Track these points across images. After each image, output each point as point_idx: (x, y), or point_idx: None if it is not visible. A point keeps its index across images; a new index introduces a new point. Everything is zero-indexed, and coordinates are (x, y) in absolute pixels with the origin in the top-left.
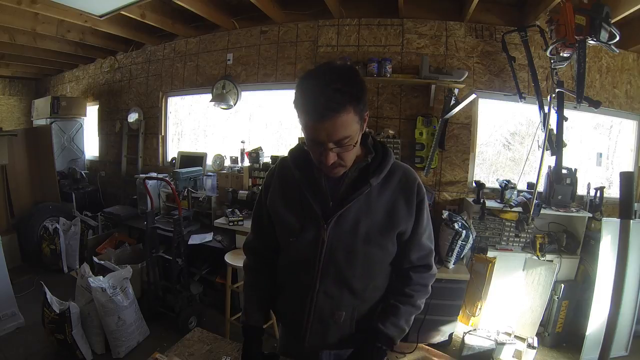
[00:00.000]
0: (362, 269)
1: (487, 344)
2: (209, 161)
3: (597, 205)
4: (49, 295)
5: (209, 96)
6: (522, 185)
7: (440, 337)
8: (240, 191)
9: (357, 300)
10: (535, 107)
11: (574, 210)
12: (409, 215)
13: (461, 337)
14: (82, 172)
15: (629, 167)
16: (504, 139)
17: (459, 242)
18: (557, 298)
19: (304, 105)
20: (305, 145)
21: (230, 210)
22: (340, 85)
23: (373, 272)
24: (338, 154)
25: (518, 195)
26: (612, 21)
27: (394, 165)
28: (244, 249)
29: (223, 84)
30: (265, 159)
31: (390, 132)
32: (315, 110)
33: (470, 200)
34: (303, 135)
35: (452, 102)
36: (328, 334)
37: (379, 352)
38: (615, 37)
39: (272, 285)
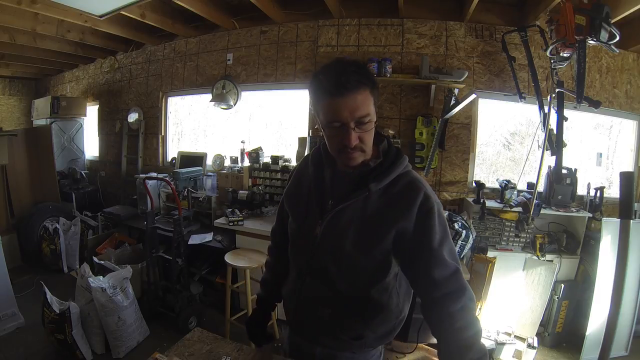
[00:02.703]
0: (346, 270)
1: (487, 344)
2: (209, 161)
3: (597, 205)
4: (49, 295)
5: (209, 96)
6: (522, 185)
7: None
8: (240, 191)
9: (342, 301)
10: (535, 107)
11: (574, 210)
12: (407, 221)
13: None
14: (82, 172)
15: (629, 167)
16: (504, 139)
17: (459, 242)
18: (557, 298)
19: (325, 85)
20: (323, 144)
21: (230, 210)
22: (357, 69)
23: (358, 278)
24: (359, 136)
25: (518, 195)
26: (612, 21)
27: (404, 174)
28: (271, 234)
29: (223, 84)
30: (265, 159)
31: (390, 132)
32: (338, 86)
33: (470, 200)
34: (320, 124)
35: (452, 102)
36: (312, 327)
37: None
38: (615, 37)
39: (285, 269)
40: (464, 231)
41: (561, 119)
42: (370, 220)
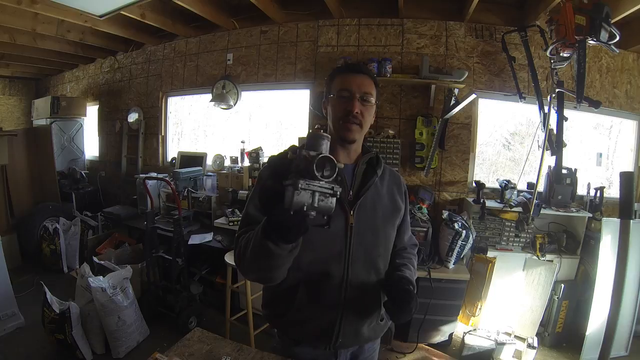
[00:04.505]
0: (383, 248)
1: (487, 344)
2: (209, 161)
3: (597, 205)
4: (49, 295)
5: (209, 96)
6: (522, 185)
7: (440, 337)
8: (240, 191)
9: (379, 282)
10: (535, 107)
11: (574, 210)
12: (402, 201)
13: (461, 337)
14: (82, 172)
15: (629, 167)
16: (504, 139)
17: (459, 242)
18: (557, 298)
19: (343, 66)
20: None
21: (230, 210)
22: (368, 69)
23: (389, 253)
24: (361, 110)
25: (518, 195)
26: (612, 21)
27: (383, 164)
28: (237, 238)
29: (223, 84)
30: (265, 159)
31: (390, 132)
32: (353, 66)
33: (470, 200)
34: (330, 98)
35: (452, 102)
36: (360, 325)
37: (410, 291)
38: (615, 37)
39: None
40: (464, 231)
41: (561, 119)
42: (384, 199)
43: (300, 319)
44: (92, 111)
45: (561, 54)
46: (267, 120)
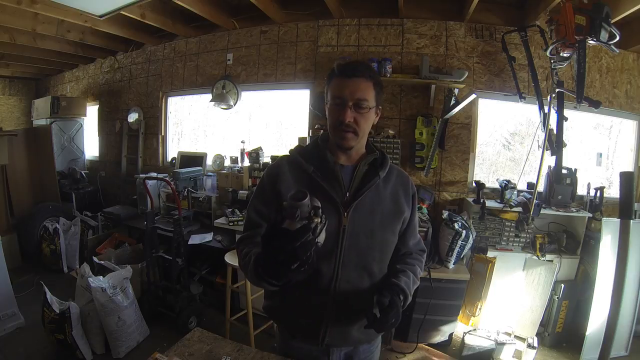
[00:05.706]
0: (379, 252)
1: (487, 344)
2: (209, 161)
3: (597, 205)
4: (49, 295)
5: (209, 96)
6: (522, 185)
7: (440, 337)
8: (240, 191)
9: (373, 285)
10: (535, 107)
11: (574, 210)
12: (407, 204)
13: (461, 337)
14: (82, 172)
15: (629, 167)
16: (504, 139)
17: (459, 242)
18: (557, 298)
19: (338, 68)
20: (318, 139)
21: (230, 210)
22: (367, 66)
23: (387, 257)
24: (355, 117)
25: (518, 195)
26: (612, 21)
27: (391, 164)
28: (238, 243)
29: (223, 84)
30: (265, 159)
31: (390, 132)
32: (346, 69)
33: (470, 200)
34: (326, 104)
35: (452, 102)
36: (349, 327)
37: (396, 302)
38: (615, 37)
39: None
40: (464, 231)
41: (561, 119)
42: (385, 203)
43: (292, 314)
44: (92, 111)
45: (561, 54)
46: (267, 120)
